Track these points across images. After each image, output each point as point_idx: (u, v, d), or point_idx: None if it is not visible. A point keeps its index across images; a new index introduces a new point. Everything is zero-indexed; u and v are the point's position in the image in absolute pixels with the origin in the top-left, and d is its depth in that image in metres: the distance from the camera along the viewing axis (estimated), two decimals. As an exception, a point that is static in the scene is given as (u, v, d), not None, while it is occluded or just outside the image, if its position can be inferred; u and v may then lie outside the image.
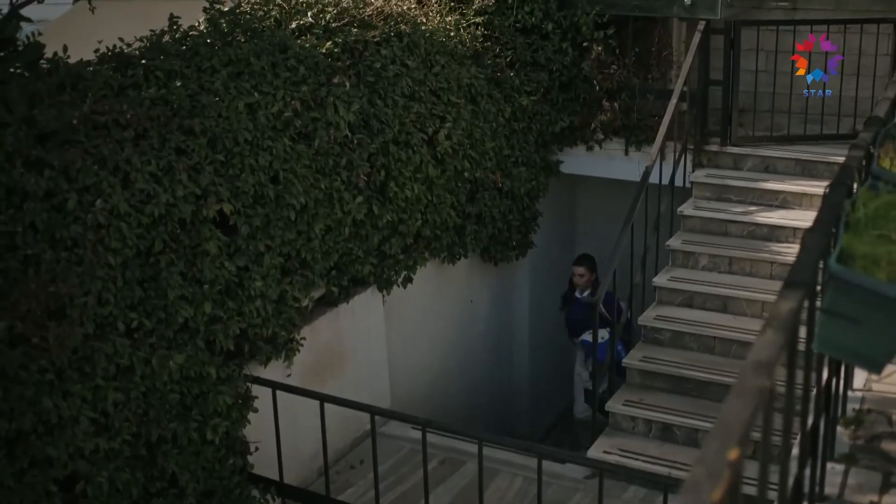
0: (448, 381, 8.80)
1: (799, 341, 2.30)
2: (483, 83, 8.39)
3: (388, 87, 7.23)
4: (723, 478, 1.49)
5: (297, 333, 6.58)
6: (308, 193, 6.40)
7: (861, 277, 2.44)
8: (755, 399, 1.73)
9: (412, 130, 7.36)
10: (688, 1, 9.13)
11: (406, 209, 7.34)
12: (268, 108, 6.31)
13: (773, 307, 2.16)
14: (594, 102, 9.29)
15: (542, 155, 9.29)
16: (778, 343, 1.96)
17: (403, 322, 8.06)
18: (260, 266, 6.05)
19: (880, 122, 4.26)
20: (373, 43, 7.31)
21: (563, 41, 9.21)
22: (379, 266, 7.31)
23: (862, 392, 4.45)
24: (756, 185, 8.71)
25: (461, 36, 8.50)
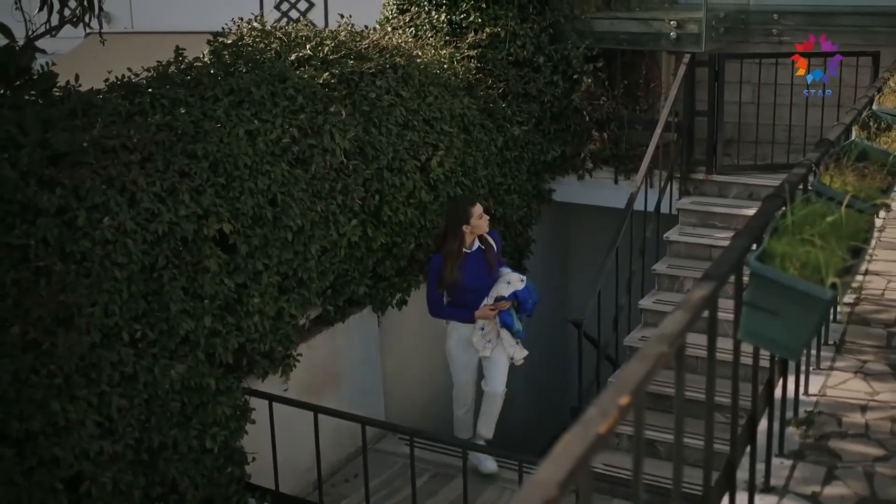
0: (442, 401, 9.05)
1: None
2: (475, 113, 8.76)
3: (383, 116, 7.58)
4: (611, 416, 1.81)
5: (294, 350, 6.88)
6: (304, 215, 6.73)
7: (775, 273, 2.76)
8: (652, 361, 2.04)
9: (406, 157, 7.71)
10: (673, 35, 9.51)
11: (400, 232, 7.67)
12: (267, 134, 6.66)
13: (688, 293, 2.48)
14: (584, 133, 9.66)
15: (534, 183, 9.64)
16: (683, 321, 2.27)
17: (398, 343, 8.34)
18: (258, 284, 6.38)
19: (829, 144, 4.60)
20: (368, 74, 7.67)
21: (554, 74, 9.59)
22: (374, 287, 7.62)
23: (816, 396, 4.76)
24: (740, 212, 9.01)
25: (455, 68, 8.88)
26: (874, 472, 4.05)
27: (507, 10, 9.48)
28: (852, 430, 4.44)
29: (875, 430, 4.42)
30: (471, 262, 7.37)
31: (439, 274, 7.35)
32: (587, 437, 1.72)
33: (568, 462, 1.64)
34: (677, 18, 9.62)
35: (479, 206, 7.45)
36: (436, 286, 7.46)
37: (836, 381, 4.94)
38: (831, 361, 5.15)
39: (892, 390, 4.84)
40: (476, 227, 7.36)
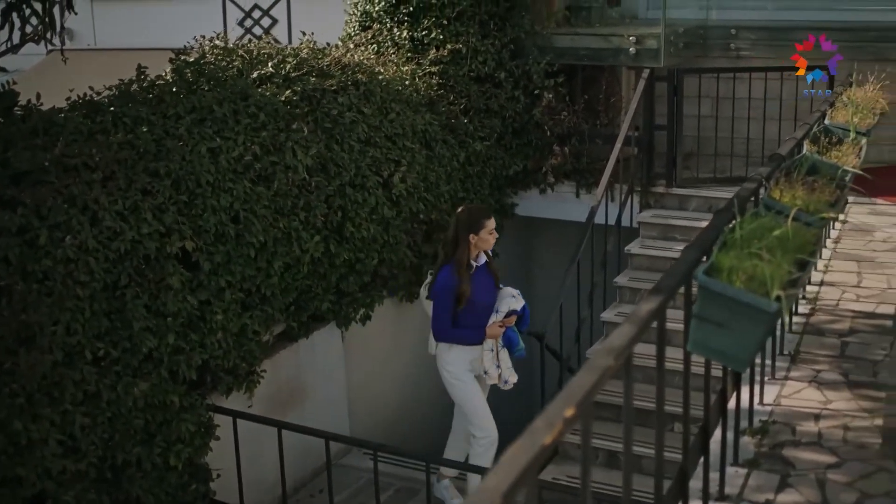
0: (407, 416, 9.11)
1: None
2: (437, 129, 8.83)
3: (345, 132, 7.64)
4: (556, 428, 1.87)
5: (257, 366, 6.90)
6: (267, 232, 6.77)
7: (722, 286, 2.84)
8: (599, 374, 2.11)
9: (368, 174, 7.77)
10: (633, 50, 9.64)
11: (363, 248, 7.71)
12: (229, 152, 6.70)
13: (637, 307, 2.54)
14: (546, 147, 9.75)
15: (497, 198, 9.72)
16: (630, 334, 2.34)
17: (363, 358, 8.38)
18: (221, 300, 6.40)
19: (780, 159, 4.70)
20: (330, 91, 7.72)
21: (515, 89, 9.69)
22: (337, 303, 7.66)
23: (771, 406, 4.85)
24: (700, 225, 8.99)
25: (416, 84, 8.96)
26: (826, 480, 4.14)
27: (468, 26, 9.57)
28: (806, 438, 4.53)
29: (828, 438, 4.51)
30: (479, 276, 6.86)
31: (454, 289, 6.73)
32: (532, 447, 1.78)
33: (513, 472, 1.70)
34: (636, 34, 9.74)
35: (493, 220, 6.94)
36: (448, 304, 6.79)
37: (791, 391, 5.04)
38: (786, 371, 5.26)
39: (844, 399, 4.94)
40: (484, 240, 6.85)
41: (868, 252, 7.37)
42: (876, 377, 5.19)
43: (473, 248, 6.82)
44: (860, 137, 5.80)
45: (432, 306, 6.90)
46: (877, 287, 6.57)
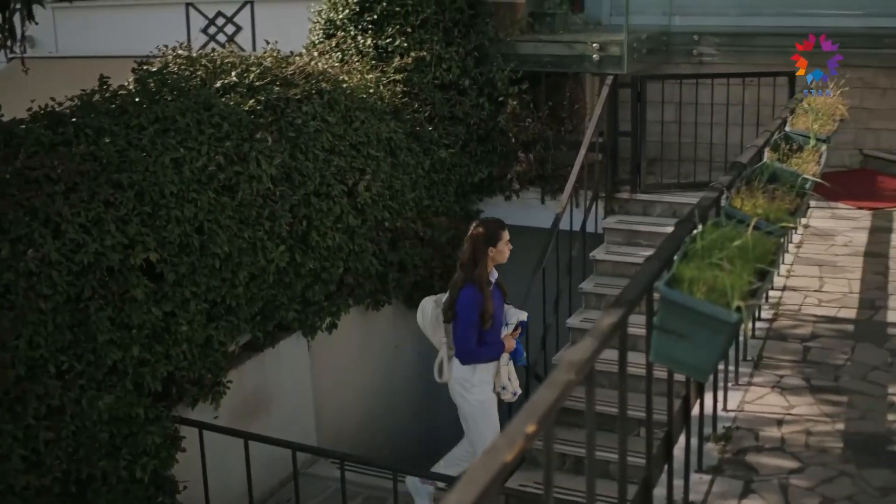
0: (375, 424, 9.11)
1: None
2: (402, 137, 8.84)
3: (309, 141, 7.63)
4: (517, 445, 1.88)
5: (223, 377, 6.88)
6: (232, 243, 6.75)
7: (682, 297, 2.87)
8: (560, 389, 2.12)
9: (333, 182, 7.77)
10: (596, 57, 9.69)
11: (328, 257, 7.71)
12: (193, 162, 6.68)
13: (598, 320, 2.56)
14: (510, 154, 9.78)
15: (462, 205, 9.74)
16: (592, 348, 2.35)
17: (329, 367, 8.37)
18: (186, 311, 6.38)
19: (741, 167, 4.74)
20: (294, 100, 7.72)
21: (479, 96, 9.72)
22: (303, 312, 7.65)
23: (734, 412, 4.89)
24: (664, 230, 9.13)
25: (381, 92, 8.97)
26: (789, 485, 4.18)
27: (432, 34, 9.59)
28: (769, 444, 4.58)
29: (790, 444, 4.56)
30: (495, 291, 6.76)
31: (479, 307, 6.56)
32: (493, 465, 1.79)
33: (475, 490, 1.71)
34: (599, 41, 9.79)
35: (507, 232, 6.81)
36: (475, 323, 6.58)
37: (754, 396, 5.08)
38: (749, 377, 5.30)
39: (807, 404, 4.99)
40: (501, 252, 6.71)
41: (830, 256, 7.44)
42: (837, 381, 5.25)
43: (490, 263, 6.70)
44: (820, 144, 5.86)
45: (456, 328, 6.64)
46: (838, 291, 6.64)
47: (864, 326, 6.05)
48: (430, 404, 10.16)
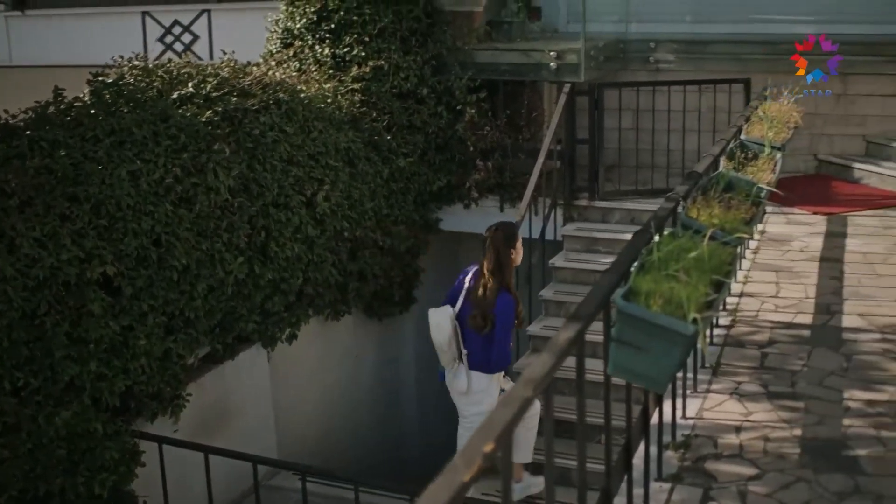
0: (336, 434, 9.09)
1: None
2: (361, 146, 8.83)
3: (267, 152, 7.61)
4: (475, 465, 1.88)
5: (182, 390, 6.83)
6: (190, 255, 6.71)
7: (639, 310, 2.88)
8: (517, 406, 2.13)
9: (291, 193, 7.74)
10: (553, 65, 9.74)
11: (287, 268, 7.68)
12: (150, 174, 6.64)
13: (555, 335, 2.57)
14: (469, 162, 9.79)
15: (421, 213, 9.74)
16: (549, 363, 2.36)
17: (290, 378, 8.35)
18: (144, 325, 6.33)
19: (697, 176, 4.78)
20: (252, 111, 7.68)
21: (437, 105, 9.73)
22: (262, 323, 7.62)
23: (693, 419, 4.93)
24: (623, 237, 9.18)
25: (339, 102, 8.95)
26: (747, 492, 4.21)
27: (390, 42, 9.59)
28: (727, 451, 4.61)
29: (748, 451, 4.60)
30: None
31: (516, 312, 6.52)
32: (451, 486, 1.79)
33: (433, 512, 1.71)
34: (557, 49, 9.83)
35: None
36: (512, 330, 6.60)
37: (713, 404, 5.12)
38: (708, 384, 5.34)
39: (765, 410, 5.03)
40: (518, 253, 6.64)
41: (786, 262, 7.52)
42: (794, 387, 5.30)
43: (512, 265, 6.60)
44: (775, 152, 5.92)
45: (502, 336, 6.48)
46: (794, 297, 6.71)
47: (821, 331, 6.11)
48: (392, 413, 10.17)
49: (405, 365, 10.34)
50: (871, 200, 9.36)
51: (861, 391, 5.23)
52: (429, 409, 10.54)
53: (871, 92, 10.42)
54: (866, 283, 6.98)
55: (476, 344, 6.54)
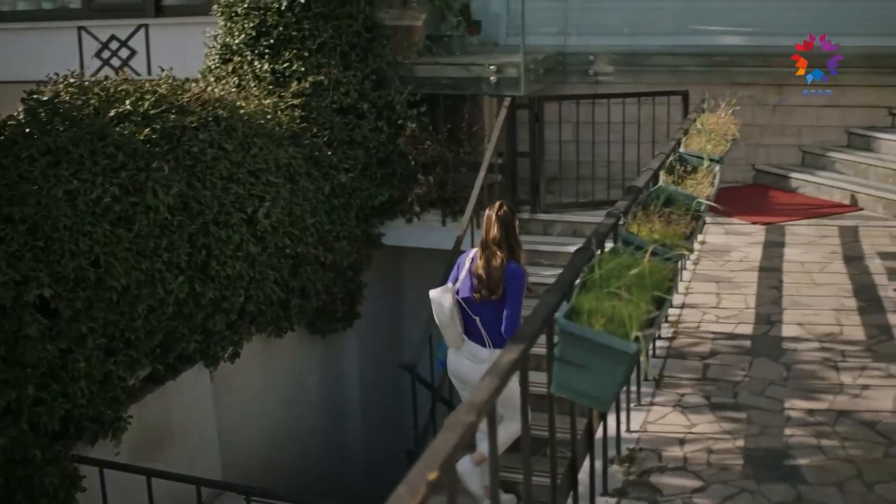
0: (281, 452, 9.01)
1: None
2: (301, 162, 8.79)
3: (207, 170, 7.53)
4: (420, 494, 1.87)
5: (124, 412, 6.72)
6: (129, 275, 6.62)
7: (581, 329, 2.89)
8: (461, 431, 2.12)
9: (231, 210, 7.68)
10: (493, 79, 9.77)
11: (229, 286, 7.61)
12: (87, 194, 6.54)
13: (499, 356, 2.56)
14: (410, 177, 9.78)
15: (364, 228, 9.71)
16: (492, 388, 2.35)
17: (233, 396, 8.26)
18: (83, 347, 6.24)
19: (637, 191, 4.81)
20: (191, 128, 7.60)
21: (378, 120, 9.71)
22: (204, 343, 7.53)
23: (638, 433, 4.95)
24: (565, 249, 9.23)
25: (279, 118, 8.90)
26: (692, 505, 4.25)
27: (329, 58, 9.55)
28: (672, 463, 4.64)
29: (693, 463, 4.63)
30: None
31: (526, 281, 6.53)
32: (395, 517, 1.78)
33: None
34: (497, 63, 9.86)
35: None
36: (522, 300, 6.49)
37: (656, 416, 5.15)
38: (651, 397, 5.37)
39: (708, 422, 5.07)
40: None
41: (726, 273, 7.60)
42: (736, 398, 5.35)
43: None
44: (714, 165, 5.97)
45: (515, 305, 6.33)
46: (735, 308, 6.78)
47: (761, 341, 6.18)
48: (336, 429, 10.11)
49: (349, 380, 10.29)
50: (807, 210, 9.50)
51: (801, 400, 5.30)
52: (373, 424, 10.51)
53: (806, 103, 10.58)
54: (805, 292, 7.07)
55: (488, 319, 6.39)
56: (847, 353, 5.92)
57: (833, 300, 6.87)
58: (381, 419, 10.56)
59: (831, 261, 7.82)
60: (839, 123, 10.55)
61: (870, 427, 4.96)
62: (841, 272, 7.52)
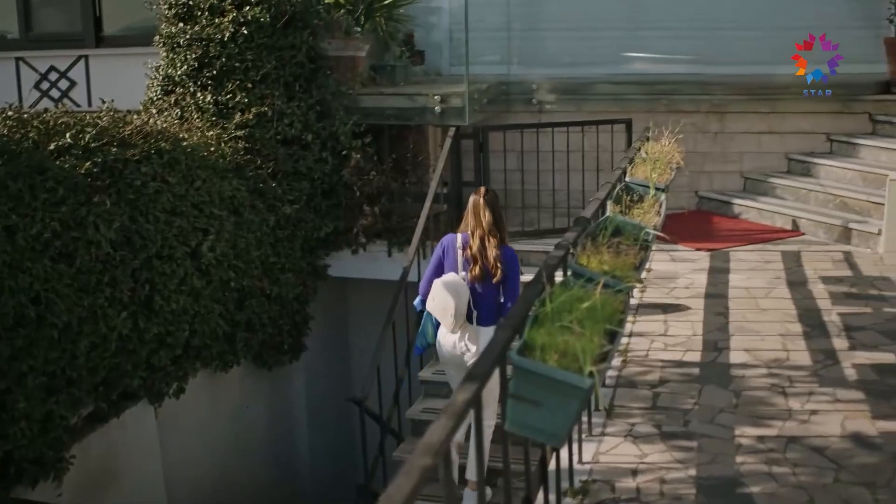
0: (228, 486, 8.89)
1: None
2: (245, 194, 8.70)
3: (150, 203, 7.42)
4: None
5: (66, 452, 6.58)
6: (71, 312, 6.50)
7: (535, 364, 2.86)
8: (417, 476, 2.07)
9: (175, 244, 7.57)
10: (438, 109, 9.77)
11: (173, 321, 7.50)
12: (27, 229, 6.40)
13: (452, 397, 2.52)
14: (356, 208, 9.72)
15: (309, 260, 9.64)
16: (448, 427, 2.31)
17: (178, 432, 8.13)
18: (23, 387, 6.10)
19: (586, 222, 4.80)
20: (133, 161, 7.48)
21: (323, 150, 9.66)
22: (149, 379, 7.41)
23: (590, 464, 4.93)
24: (512, 278, 9.25)
25: (222, 150, 8.81)
26: (646, 538, 4.22)
27: (273, 89, 9.48)
28: (625, 494, 4.62)
29: (646, 493, 4.61)
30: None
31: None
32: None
33: None
34: (441, 93, 9.87)
35: None
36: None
37: (608, 447, 5.14)
38: (602, 427, 5.36)
39: (659, 451, 5.07)
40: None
41: (672, 299, 7.63)
42: (687, 426, 5.35)
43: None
44: (659, 193, 6.00)
45: (516, 282, 6.69)
46: (683, 335, 6.80)
47: (710, 368, 6.21)
48: (284, 461, 10.00)
49: (297, 414, 10.19)
50: (750, 235, 9.59)
51: (751, 427, 5.31)
52: (322, 458, 10.41)
53: (746, 129, 10.72)
54: (751, 317, 7.12)
55: (484, 300, 6.67)
56: (794, 379, 5.96)
57: (779, 325, 6.92)
58: (330, 453, 10.46)
59: (775, 286, 7.88)
60: (780, 150, 10.69)
61: (819, 453, 4.99)
62: (785, 297, 7.59)
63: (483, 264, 6.61)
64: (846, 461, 4.89)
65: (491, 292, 6.65)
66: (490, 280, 6.62)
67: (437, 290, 6.65)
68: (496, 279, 6.60)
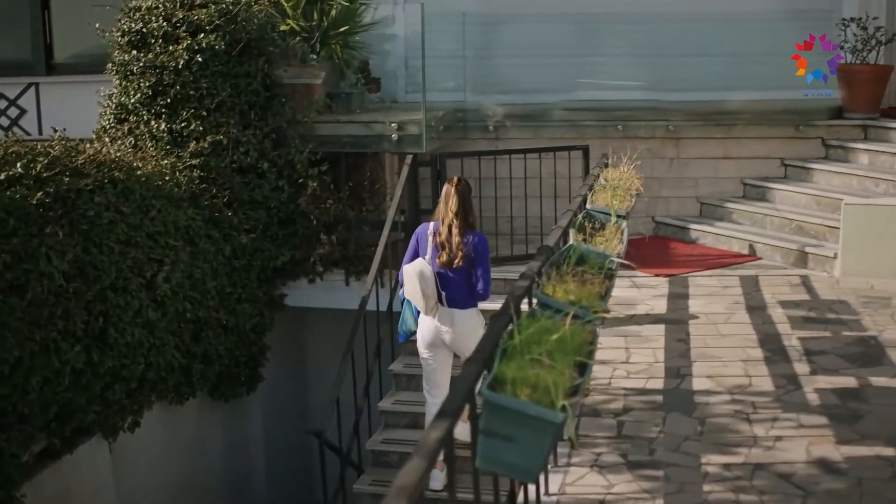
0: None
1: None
2: (201, 224, 8.59)
3: (103, 234, 7.28)
4: None
5: (16, 491, 6.42)
6: (22, 346, 6.35)
7: (506, 400, 2.79)
8: (393, 520, 1.99)
9: (130, 276, 7.44)
10: (395, 136, 9.72)
11: (128, 354, 7.35)
12: (-24, 262, 6.27)
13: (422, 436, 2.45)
14: (313, 236, 9.62)
15: (266, 290, 9.51)
16: (420, 469, 2.24)
17: (134, 467, 7.97)
18: (-27, 424, 5.94)
19: (549, 251, 4.76)
20: (86, 191, 7.34)
21: (279, 179, 9.55)
22: (103, 413, 7.26)
23: (556, 496, 4.87)
24: (470, 306, 9.19)
25: (177, 179, 8.68)
26: (615, 571, 4.17)
27: (228, 117, 9.37)
28: (593, 527, 4.56)
29: (614, 525, 4.56)
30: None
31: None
32: None
33: None
34: (397, 120, 9.82)
35: None
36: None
37: (574, 478, 5.08)
38: (568, 457, 5.30)
39: (626, 481, 5.02)
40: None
41: (633, 326, 7.61)
42: (653, 455, 5.31)
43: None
44: (621, 220, 5.98)
45: (486, 266, 6.97)
46: (645, 362, 6.78)
47: (673, 395, 6.18)
48: (242, 496, 9.86)
49: (254, 446, 10.05)
50: (708, 260, 9.61)
51: (717, 455, 5.28)
52: (280, 491, 10.27)
53: (702, 155, 10.78)
54: (712, 343, 7.11)
55: (455, 284, 6.94)
56: (758, 405, 5.95)
57: (740, 351, 6.92)
58: (289, 485, 10.32)
59: (735, 311, 7.89)
60: (735, 175, 10.76)
61: (786, 479, 4.97)
62: (745, 322, 7.59)
63: (449, 250, 6.88)
64: (813, 487, 4.87)
65: (461, 276, 6.90)
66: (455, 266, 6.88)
67: (405, 276, 6.98)
68: (456, 264, 6.85)
